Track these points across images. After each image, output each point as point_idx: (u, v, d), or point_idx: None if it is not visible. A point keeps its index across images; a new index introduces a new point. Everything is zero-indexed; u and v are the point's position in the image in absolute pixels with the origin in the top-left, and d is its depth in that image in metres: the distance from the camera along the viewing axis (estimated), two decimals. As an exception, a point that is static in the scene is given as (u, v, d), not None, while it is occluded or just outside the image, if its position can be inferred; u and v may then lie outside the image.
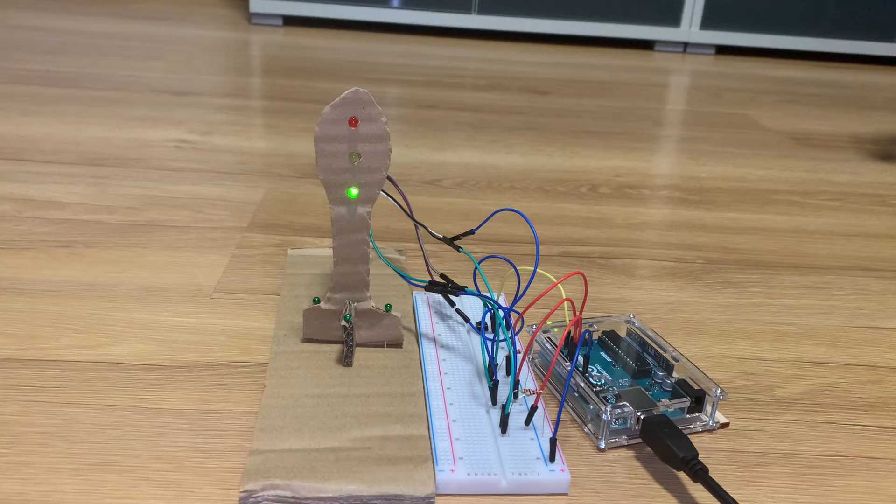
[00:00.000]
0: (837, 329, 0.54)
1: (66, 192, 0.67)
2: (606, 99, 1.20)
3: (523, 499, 0.36)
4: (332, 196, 0.42)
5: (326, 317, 0.45)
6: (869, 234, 0.72)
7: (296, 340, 0.46)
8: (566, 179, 0.80)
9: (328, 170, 0.42)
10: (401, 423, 0.39)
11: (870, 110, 1.27)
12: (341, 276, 0.44)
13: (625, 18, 1.65)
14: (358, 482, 0.35)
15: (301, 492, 0.35)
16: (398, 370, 0.44)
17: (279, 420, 0.39)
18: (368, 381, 0.43)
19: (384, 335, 0.46)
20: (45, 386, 0.41)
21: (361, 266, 0.44)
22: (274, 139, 0.87)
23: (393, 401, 0.41)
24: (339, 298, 0.45)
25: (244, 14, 1.73)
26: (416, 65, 1.36)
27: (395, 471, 0.36)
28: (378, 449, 0.37)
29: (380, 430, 0.39)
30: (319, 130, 0.41)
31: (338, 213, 0.43)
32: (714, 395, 0.41)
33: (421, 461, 0.37)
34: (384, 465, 0.36)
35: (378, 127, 0.41)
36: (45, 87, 1.01)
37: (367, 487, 0.35)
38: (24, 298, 0.50)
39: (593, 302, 0.55)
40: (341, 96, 0.40)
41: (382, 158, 0.42)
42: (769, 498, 0.37)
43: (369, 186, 0.42)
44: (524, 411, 0.40)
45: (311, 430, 0.38)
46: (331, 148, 0.41)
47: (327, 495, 0.35)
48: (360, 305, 0.45)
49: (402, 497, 0.35)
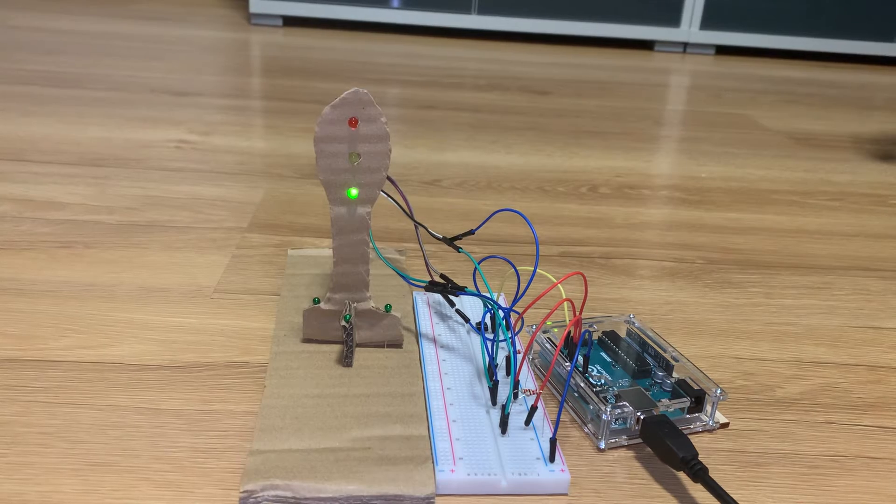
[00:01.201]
0: (837, 329, 0.54)
1: (66, 192, 0.67)
2: (606, 99, 1.20)
3: (523, 499, 0.36)
4: (331, 196, 0.42)
5: (326, 317, 0.45)
6: (869, 234, 0.72)
7: (296, 341, 0.46)
8: (566, 179, 0.80)
9: (328, 170, 0.42)
10: (401, 423, 0.39)
11: (870, 110, 1.27)
12: (341, 277, 0.44)
13: (625, 18, 1.65)
14: (358, 482, 0.35)
15: (301, 492, 0.35)
16: (398, 370, 0.44)
17: (279, 420, 0.39)
18: (368, 382, 0.43)
19: (384, 335, 0.46)
20: (45, 386, 0.41)
21: (361, 266, 0.44)
22: (274, 139, 0.87)
23: (393, 401, 0.41)
24: (338, 299, 0.45)
25: (244, 14, 1.73)
26: (416, 65, 1.36)
27: (395, 471, 0.36)
28: (378, 449, 0.37)
29: (380, 430, 0.39)
30: (319, 131, 0.41)
31: (338, 213, 0.43)
32: (714, 395, 0.41)
33: (421, 461, 0.37)
34: (384, 466, 0.36)
35: (378, 127, 0.41)
36: (45, 87, 1.01)
37: (367, 487, 0.35)
38: (24, 298, 0.50)
39: (593, 302, 0.55)
40: (341, 97, 0.40)
41: (382, 159, 0.42)
42: (769, 498, 0.37)
43: (369, 187, 0.42)
44: (524, 411, 0.40)
45: (310, 431, 0.38)
46: (331, 148, 0.41)
47: (327, 495, 0.35)
48: (359, 306, 0.45)
49: (402, 497, 0.35)
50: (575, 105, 1.14)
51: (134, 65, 1.18)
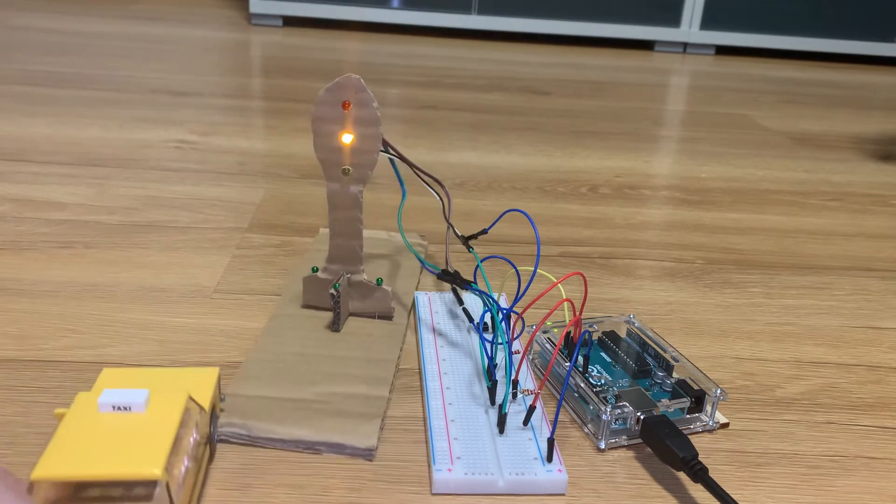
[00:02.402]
0: (837, 329, 0.54)
1: (65, 192, 0.67)
2: (606, 99, 1.20)
3: (520, 499, 0.36)
4: (327, 174, 0.45)
5: (323, 285, 0.48)
6: (869, 234, 0.72)
7: (297, 306, 0.49)
8: (566, 180, 0.80)
9: (324, 149, 0.45)
10: (366, 384, 0.42)
11: (870, 110, 1.27)
12: (336, 249, 0.47)
13: (625, 18, 1.65)
14: (307, 429, 0.38)
15: (255, 431, 0.38)
16: (381, 339, 0.47)
17: (258, 371, 0.42)
18: (350, 346, 0.46)
19: (375, 307, 0.49)
20: (45, 386, 0.41)
21: (354, 241, 0.47)
22: (274, 140, 0.87)
23: (367, 364, 0.44)
24: (334, 269, 0.48)
25: (244, 14, 1.73)
26: (416, 65, 1.36)
27: (345, 423, 0.39)
28: (337, 403, 0.40)
29: (344, 387, 0.42)
30: (316, 111, 0.44)
31: (332, 189, 0.46)
32: (714, 395, 0.41)
33: (371, 417, 0.39)
34: (337, 417, 0.39)
35: (370, 112, 0.44)
36: (45, 87, 1.01)
37: (314, 434, 0.38)
38: (24, 299, 0.50)
39: (593, 302, 0.55)
40: (335, 80, 0.43)
41: (373, 142, 0.44)
42: (769, 498, 0.37)
43: (361, 167, 0.45)
44: (523, 411, 0.40)
45: (283, 383, 0.41)
46: (325, 128, 0.44)
47: (276, 437, 0.38)
48: (353, 277, 0.48)
49: (343, 446, 0.37)
50: (575, 105, 1.14)
51: (134, 65, 1.18)
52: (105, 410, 0.31)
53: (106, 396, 0.31)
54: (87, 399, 0.32)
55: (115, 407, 0.31)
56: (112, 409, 0.31)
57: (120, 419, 0.31)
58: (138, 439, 0.30)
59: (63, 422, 0.31)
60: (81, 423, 0.31)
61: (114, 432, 0.30)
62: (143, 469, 0.28)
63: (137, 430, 0.30)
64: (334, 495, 0.35)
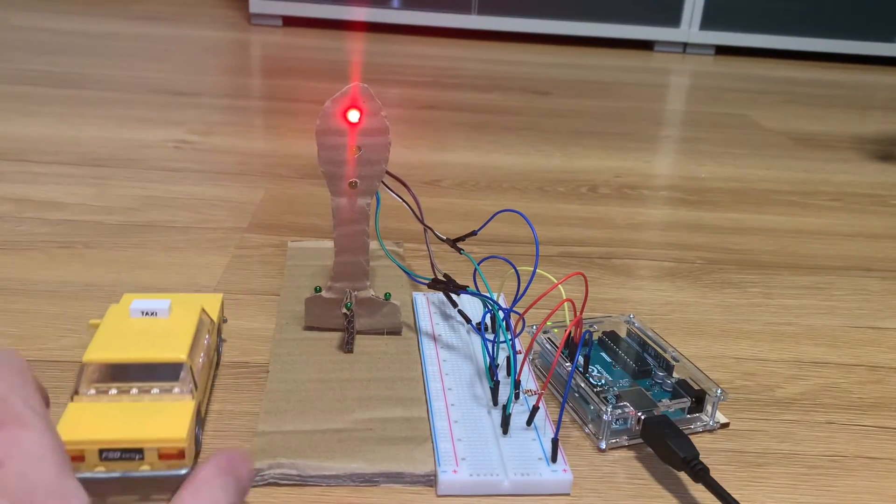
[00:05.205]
0: (837, 329, 0.54)
1: (65, 192, 0.67)
2: (606, 99, 1.20)
3: (525, 499, 0.36)
4: (332, 188, 0.43)
5: (327, 305, 0.46)
6: (869, 235, 0.72)
7: (298, 328, 0.47)
8: (566, 180, 0.80)
9: (329, 162, 0.43)
10: (401, 405, 0.41)
11: (870, 110, 1.27)
12: (342, 266, 0.45)
13: (624, 18, 1.65)
14: (360, 461, 0.36)
15: (306, 470, 0.36)
16: (398, 356, 0.45)
17: (283, 403, 0.40)
18: (369, 367, 0.44)
19: (383, 323, 0.47)
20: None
21: (361, 256, 0.45)
22: (274, 139, 0.87)
23: (393, 384, 0.42)
24: (339, 287, 0.46)
25: (244, 14, 1.73)
26: (416, 65, 1.36)
27: (396, 450, 0.37)
28: (379, 430, 0.39)
29: (381, 412, 0.40)
30: (321, 124, 0.42)
31: (338, 204, 0.44)
32: (714, 395, 0.41)
33: (420, 441, 0.38)
34: (385, 445, 0.37)
35: (378, 121, 0.42)
36: (45, 87, 1.01)
37: (370, 466, 0.36)
38: (24, 298, 0.50)
39: (593, 302, 0.55)
40: (341, 90, 0.41)
41: (382, 151, 0.43)
42: (769, 498, 0.37)
43: (369, 179, 0.43)
44: (525, 412, 0.40)
45: (314, 413, 0.40)
46: (332, 141, 0.42)
47: (331, 473, 0.36)
48: (360, 294, 0.46)
49: (403, 475, 0.36)
50: (575, 105, 1.14)
51: (134, 65, 1.18)
52: (135, 315, 0.38)
53: (136, 304, 0.39)
54: (119, 309, 0.39)
55: (143, 312, 0.38)
56: (141, 314, 0.38)
57: (148, 322, 0.38)
58: (165, 335, 0.37)
59: (102, 323, 0.38)
60: (118, 325, 0.38)
61: (145, 331, 0.37)
62: (172, 354, 0.36)
63: (163, 329, 0.38)
64: (335, 495, 0.35)
